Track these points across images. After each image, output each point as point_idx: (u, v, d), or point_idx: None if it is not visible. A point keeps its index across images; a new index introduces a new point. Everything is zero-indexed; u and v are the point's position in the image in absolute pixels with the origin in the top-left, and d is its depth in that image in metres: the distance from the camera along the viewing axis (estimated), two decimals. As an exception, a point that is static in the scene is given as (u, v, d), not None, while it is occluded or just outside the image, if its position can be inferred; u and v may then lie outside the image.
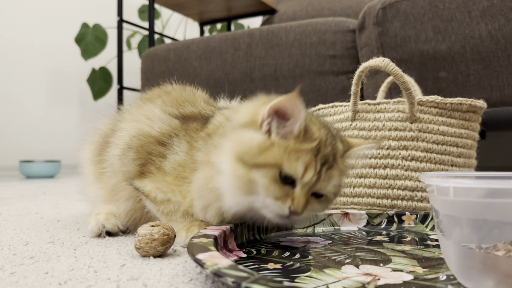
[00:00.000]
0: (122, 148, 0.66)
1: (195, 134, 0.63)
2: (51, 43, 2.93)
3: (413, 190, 0.81)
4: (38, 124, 2.84)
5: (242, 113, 0.58)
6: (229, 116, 0.61)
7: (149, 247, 0.53)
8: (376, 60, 0.79)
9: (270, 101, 0.54)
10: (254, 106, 0.57)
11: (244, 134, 0.53)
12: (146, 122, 0.66)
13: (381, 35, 1.37)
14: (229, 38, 1.72)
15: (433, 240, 0.64)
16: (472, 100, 0.83)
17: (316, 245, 0.60)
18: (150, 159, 0.63)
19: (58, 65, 2.98)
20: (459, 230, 0.40)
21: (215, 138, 0.59)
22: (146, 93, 0.78)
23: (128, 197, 0.70)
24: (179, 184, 0.61)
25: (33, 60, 2.85)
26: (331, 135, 0.56)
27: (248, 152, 0.52)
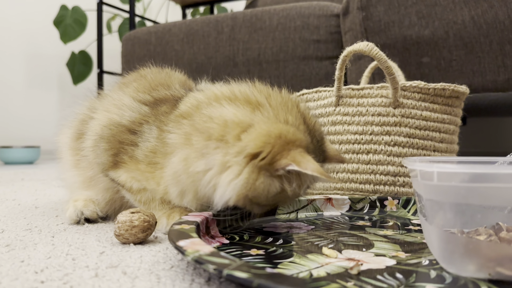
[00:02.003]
0: (94, 139, 0.65)
1: (164, 118, 0.61)
2: (29, 25, 2.84)
3: (395, 175, 0.82)
4: (16, 109, 2.78)
5: (252, 144, 0.50)
6: (206, 101, 0.58)
7: (129, 234, 0.52)
8: (360, 45, 0.79)
9: (294, 151, 0.50)
10: (271, 143, 0.50)
11: (260, 178, 0.50)
12: (116, 111, 0.65)
13: (365, 19, 1.36)
14: (212, 21, 1.69)
15: (415, 225, 0.64)
16: (455, 86, 0.83)
17: (299, 231, 0.59)
18: (122, 148, 0.61)
19: (36, 48, 2.90)
20: (442, 215, 0.40)
21: (196, 120, 0.55)
22: (123, 78, 0.76)
23: (106, 188, 0.69)
24: (152, 171, 0.59)
25: (10, 43, 2.76)
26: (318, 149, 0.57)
27: (262, 195, 0.51)
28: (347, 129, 0.85)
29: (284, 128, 0.51)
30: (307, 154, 0.50)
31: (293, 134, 0.51)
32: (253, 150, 0.49)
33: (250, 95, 0.56)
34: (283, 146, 0.49)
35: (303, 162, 0.48)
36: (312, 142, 0.55)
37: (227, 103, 0.55)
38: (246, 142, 0.50)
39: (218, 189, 0.51)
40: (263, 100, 0.55)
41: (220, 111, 0.54)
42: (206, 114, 0.55)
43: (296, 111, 0.56)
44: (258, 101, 0.55)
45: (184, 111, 0.59)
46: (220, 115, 0.53)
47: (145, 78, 0.72)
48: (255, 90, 0.58)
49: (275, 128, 0.50)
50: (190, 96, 0.62)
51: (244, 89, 0.58)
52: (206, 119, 0.54)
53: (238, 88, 0.59)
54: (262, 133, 0.50)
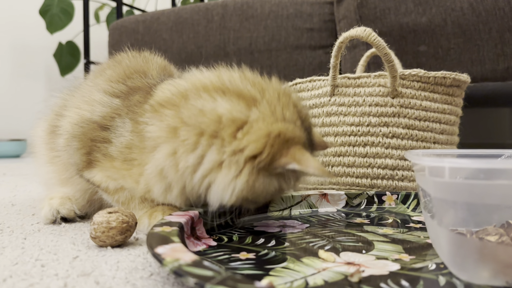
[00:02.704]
0: (66, 138, 0.60)
1: (139, 108, 0.56)
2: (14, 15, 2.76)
3: (393, 169, 0.77)
4: (2, 102, 2.70)
5: (251, 146, 0.47)
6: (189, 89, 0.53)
7: (106, 237, 0.47)
8: (358, 30, 0.74)
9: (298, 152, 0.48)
10: (270, 144, 0.47)
11: (259, 178, 0.48)
12: (87, 107, 0.60)
13: (360, 6, 1.31)
14: (202, 9, 1.63)
15: (415, 222, 0.60)
16: (457, 74, 0.79)
17: (292, 230, 0.55)
18: (95, 146, 0.56)
19: (22, 39, 2.81)
20: (453, 215, 0.35)
21: (184, 112, 0.50)
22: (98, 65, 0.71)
23: (84, 189, 0.64)
24: (129, 168, 0.54)
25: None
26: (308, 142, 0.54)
27: (261, 195, 0.49)
28: (343, 120, 0.80)
29: (283, 127, 0.49)
30: (306, 151, 0.49)
31: (292, 132, 0.49)
32: (253, 152, 0.47)
33: (243, 89, 0.52)
34: (282, 145, 0.48)
35: (303, 160, 0.47)
36: (306, 136, 0.53)
37: (219, 96, 0.50)
38: (245, 142, 0.47)
39: (214, 188, 0.48)
40: (258, 94, 0.51)
41: (212, 105, 0.50)
42: (196, 106, 0.50)
43: (292, 105, 0.53)
44: (252, 96, 0.51)
45: (163, 99, 0.53)
46: (212, 109, 0.49)
47: (120, 64, 0.66)
48: (247, 82, 0.53)
49: (275, 127, 0.48)
50: (170, 83, 0.56)
51: (234, 80, 0.53)
52: (196, 112, 0.49)
53: (227, 77, 0.53)
54: (261, 134, 0.47)
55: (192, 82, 0.54)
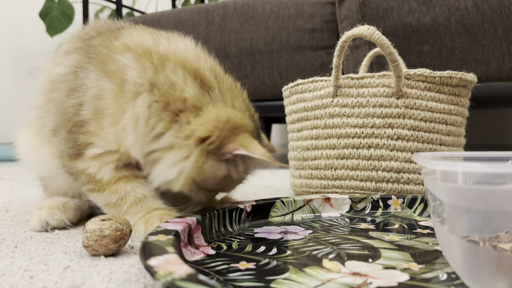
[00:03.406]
0: (50, 130, 0.58)
1: (104, 49, 0.55)
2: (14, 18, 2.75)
3: (399, 172, 0.75)
4: (1, 105, 2.68)
5: (201, 128, 0.50)
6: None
7: (99, 245, 0.45)
8: (361, 29, 0.72)
9: (245, 138, 0.50)
10: (219, 128, 0.50)
11: (208, 161, 0.50)
12: (50, 86, 0.60)
13: (362, 6, 1.29)
14: (202, 10, 1.61)
15: (423, 227, 0.58)
16: (463, 74, 0.77)
17: (295, 236, 0.53)
18: (71, 119, 0.55)
19: (22, 42, 2.80)
20: (467, 223, 0.33)
21: (160, 78, 0.52)
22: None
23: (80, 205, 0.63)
24: (110, 124, 0.53)
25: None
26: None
27: (210, 178, 0.52)
28: (346, 121, 0.78)
29: (232, 113, 0.51)
30: (254, 139, 0.51)
31: (240, 119, 0.51)
32: (202, 134, 0.49)
33: (207, 76, 0.54)
34: (231, 131, 0.50)
35: (251, 146, 0.49)
36: (255, 128, 0.56)
37: (190, 80, 0.52)
38: (196, 125, 0.50)
39: (160, 165, 0.51)
40: (215, 82, 0.54)
41: (183, 86, 0.52)
42: (170, 79, 0.52)
43: (241, 98, 0.56)
44: (210, 83, 0.54)
45: (142, 47, 0.54)
46: (182, 90, 0.51)
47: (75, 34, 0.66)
48: (208, 68, 0.55)
49: (224, 112, 0.51)
50: (148, 32, 0.57)
51: (201, 64, 0.55)
52: (169, 84, 0.52)
53: (202, 61, 0.55)
54: (211, 117, 0.50)
55: (173, 51, 0.55)
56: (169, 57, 0.53)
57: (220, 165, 0.51)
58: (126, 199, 0.55)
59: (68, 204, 0.63)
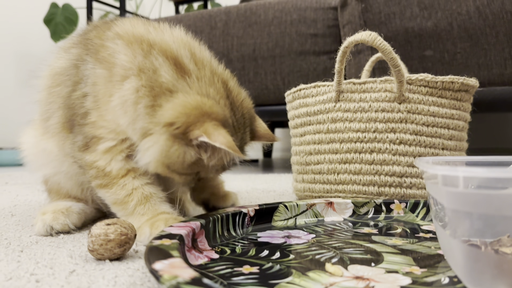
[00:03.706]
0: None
1: (98, 39, 0.57)
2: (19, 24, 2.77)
3: (401, 176, 0.75)
4: (6, 110, 2.70)
5: (169, 113, 0.51)
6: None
7: (104, 249, 0.45)
8: (363, 34, 0.72)
9: (208, 123, 0.51)
10: (186, 113, 0.51)
11: (174, 145, 0.51)
12: (55, 81, 0.61)
13: (365, 11, 1.30)
14: (205, 16, 1.62)
15: (425, 231, 0.58)
16: (465, 78, 0.77)
17: (298, 240, 0.53)
18: (78, 111, 0.57)
19: (26, 48, 2.82)
20: (468, 227, 0.33)
21: (146, 64, 0.54)
22: None
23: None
24: (105, 109, 0.55)
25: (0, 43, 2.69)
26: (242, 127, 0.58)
27: (178, 162, 0.53)
28: (349, 126, 0.78)
29: (201, 100, 0.52)
30: (221, 128, 0.50)
31: (209, 107, 0.51)
32: (169, 120, 0.50)
33: (185, 62, 0.55)
34: (198, 118, 0.50)
35: (214, 134, 0.49)
36: (235, 118, 0.56)
37: (168, 64, 0.54)
38: (164, 110, 0.51)
39: (139, 153, 0.54)
40: (194, 69, 0.55)
41: (161, 70, 0.53)
42: (154, 65, 0.53)
43: (220, 85, 0.56)
44: (187, 70, 0.54)
45: (133, 33, 0.56)
46: (160, 74, 0.53)
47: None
48: (188, 55, 0.56)
49: (192, 99, 0.51)
50: (137, 22, 0.59)
51: (181, 51, 0.56)
52: (153, 69, 0.53)
53: (176, 44, 0.56)
54: (179, 103, 0.51)
55: (159, 39, 0.56)
56: (155, 45, 0.55)
57: (188, 149, 0.51)
58: (133, 195, 0.56)
59: (72, 208, 0.63)
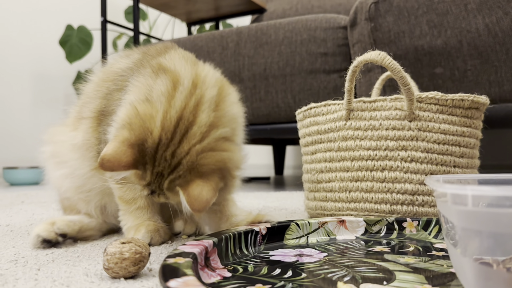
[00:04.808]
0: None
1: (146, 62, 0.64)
2: (35, 46, 2.84)
3: (413, 194, 0.75)
4: (22, 130, 2.75)
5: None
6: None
7: (119, 268, 0.46)
8: (372, 54, 0.74)
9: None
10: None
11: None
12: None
13: (374, 30, 1.31)
14: (217, 37, 1.65)
15: (438, 249, 0.58)
16: (475, 96, 0.77)
17: (310, 259, 0.53)
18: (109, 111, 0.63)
19: (42, 68, 2.89)
20: (478, 244, 0.34)
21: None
22: None
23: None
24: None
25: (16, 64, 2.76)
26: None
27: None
28: (359, 144, 0.79)
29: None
30: (123, 144, 0.51)
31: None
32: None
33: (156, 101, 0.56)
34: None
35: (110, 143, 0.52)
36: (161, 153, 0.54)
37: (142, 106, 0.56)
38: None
39: None
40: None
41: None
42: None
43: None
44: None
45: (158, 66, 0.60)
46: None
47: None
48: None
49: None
50: (171, 56, 0.62)
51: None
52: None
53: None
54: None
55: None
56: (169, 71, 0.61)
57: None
58: (137, 201, 0.62)
59: (66, 218, 0.69)
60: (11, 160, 2.64)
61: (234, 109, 0.59)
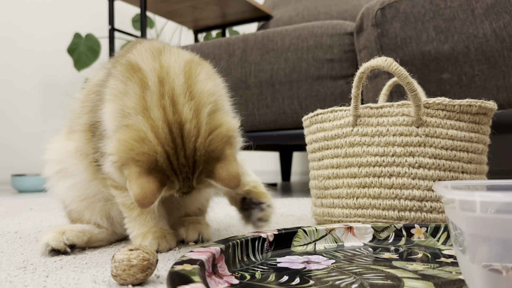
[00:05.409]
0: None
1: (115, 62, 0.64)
2: (43, 54, 2.87)
3: (421, 200, 0.75)
4: (31, 137, 2.78)
5: (110, 146, 0.55)
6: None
7: (127, 275, 0.46)
8: (378, 60, 0.74)
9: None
10: (119, 153, 0.54)
11: (117, 172, 0.56)
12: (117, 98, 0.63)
13: (381, 36, 1.31)
14: (223, 44, 1.66)
15: (446, 256, 0.58)
16: (482, 102, 0.77)
17: (317, 266, 0.53)
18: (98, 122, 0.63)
19: (51, 76, 2.92)
20: (487, 251, 0.33)
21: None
22: None
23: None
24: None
25: (25, 71, 2.79)
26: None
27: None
28: (367, 150, 0.79)
29: (132, 144, 0.53)
30: (144, 176, 0.52)
31: (137, 154, 0.53)
32: (110, 151, 0.55)
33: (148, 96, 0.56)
34: (127, 160, 0.53)
35: (132, 183, 0.53)
36: (177, 160, 0.55)
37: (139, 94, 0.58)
38: (109, 142, 0.56)
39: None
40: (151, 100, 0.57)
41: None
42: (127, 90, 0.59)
43: (165, 125, 0.55)
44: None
45: (128, 62, 0.60)
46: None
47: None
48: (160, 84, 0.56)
49: (128, 138, 0.54)
50: (137, 50, 0.62)
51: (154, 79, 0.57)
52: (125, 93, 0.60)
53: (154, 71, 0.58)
54: (118, 138, 0.55)
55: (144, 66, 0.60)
56: (140, 70, 0.61)
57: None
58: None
59: (75, 227, 0.69)
60: (19, 168, 2.66)
61: (208, 85, 0.59)
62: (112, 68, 0.62)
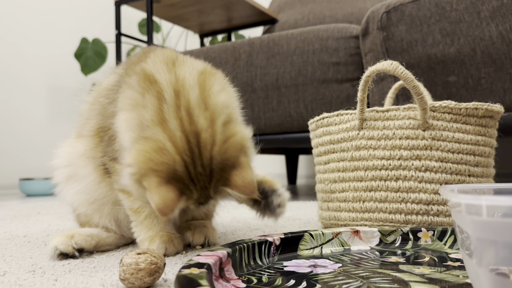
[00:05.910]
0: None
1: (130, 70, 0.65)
2: (51, 59, 2.90)
3: (428, 204, 0.75)
4: (38, 141, 2.80)
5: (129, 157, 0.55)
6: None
7: (135, 278, 0.47)
8: (384, 64, 0.74)
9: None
10: (138, 164, 0.54)
11: (135, 185, 0.56)
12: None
13: (386, 39, 1.31)
14: (229, 48, 1.67)
15: (453, 260, 0.57)
16: (489, 105, 0.77)
17: (324, 270, 0.53)
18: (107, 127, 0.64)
19: (58, 81, 2.94)
20: (494, 255, 0.33)
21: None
22: None
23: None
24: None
25: (33, 76, 2.82)
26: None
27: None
28: (373, 154, 0.79)
29: (150, 155, 0.54)
30: (163, 185, 0.53)
31: (156, 164, 0.53)
32: (128, 162, 0.56)
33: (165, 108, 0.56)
34: (146, 171, 0.53)
35: (152, 192, 0.53)
36: (194, 169, 0.55)
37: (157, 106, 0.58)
38: (128, 152, 0.56)
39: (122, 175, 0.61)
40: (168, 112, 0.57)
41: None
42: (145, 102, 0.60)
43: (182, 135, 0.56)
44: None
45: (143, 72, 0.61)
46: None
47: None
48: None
49: (147, 149, 0.55)
50: (151, 60, 0.63)
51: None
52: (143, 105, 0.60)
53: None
54: (138, 149, 0.56)
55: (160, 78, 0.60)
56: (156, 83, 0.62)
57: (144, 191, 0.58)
58: (146, 208, 0.64)
59: (83, 231, 0.69)
60: (27, 171, 2.68)
61: (222, 97, 0.59)
62: (125, 76, 0.62)
